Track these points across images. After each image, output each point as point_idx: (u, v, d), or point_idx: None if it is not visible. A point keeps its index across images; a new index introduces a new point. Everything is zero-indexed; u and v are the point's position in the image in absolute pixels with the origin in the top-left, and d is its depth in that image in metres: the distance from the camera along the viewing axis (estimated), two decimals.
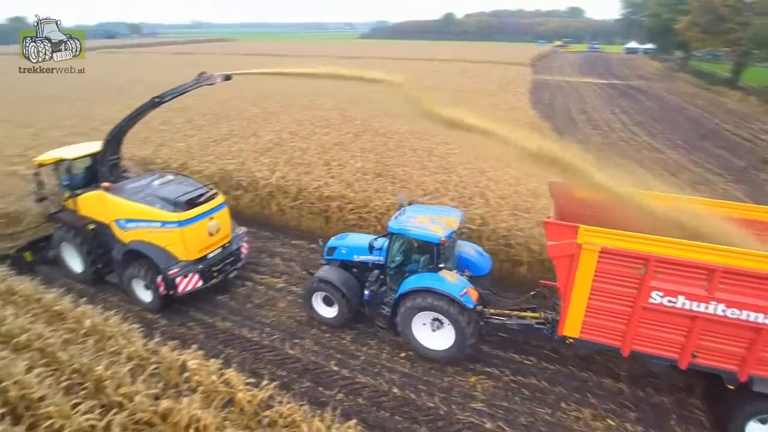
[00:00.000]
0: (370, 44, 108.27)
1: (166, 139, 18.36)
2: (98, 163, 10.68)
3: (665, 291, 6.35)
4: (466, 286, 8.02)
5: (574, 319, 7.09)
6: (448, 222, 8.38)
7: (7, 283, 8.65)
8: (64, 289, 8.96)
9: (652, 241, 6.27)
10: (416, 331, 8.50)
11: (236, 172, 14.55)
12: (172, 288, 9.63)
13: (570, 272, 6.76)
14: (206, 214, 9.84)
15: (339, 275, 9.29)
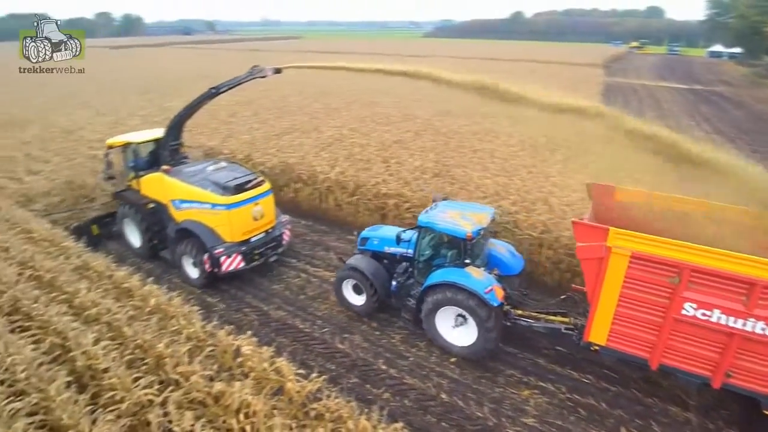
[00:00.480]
0: (434, 43, 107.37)
1: (233, 131, 19.12)
2: (160, 147, 11.53)
3: (699, 303, 5.98)
4: (491, 284, 7.91)
5: (601, 326, 6.85)
6: (478, 218, 8.33)
7: (83, 259, 9.26)
8: (134, 268, 9.47)
9: (688, 249, 5.90)
10: (439, 325, 8.52)
11: (297, 165, 14.85)
12: (216, 266, 10.26)
13: (598, 276, 6.55)
14: (252, 199, 10.44)
15: (368, 265, 9.50)
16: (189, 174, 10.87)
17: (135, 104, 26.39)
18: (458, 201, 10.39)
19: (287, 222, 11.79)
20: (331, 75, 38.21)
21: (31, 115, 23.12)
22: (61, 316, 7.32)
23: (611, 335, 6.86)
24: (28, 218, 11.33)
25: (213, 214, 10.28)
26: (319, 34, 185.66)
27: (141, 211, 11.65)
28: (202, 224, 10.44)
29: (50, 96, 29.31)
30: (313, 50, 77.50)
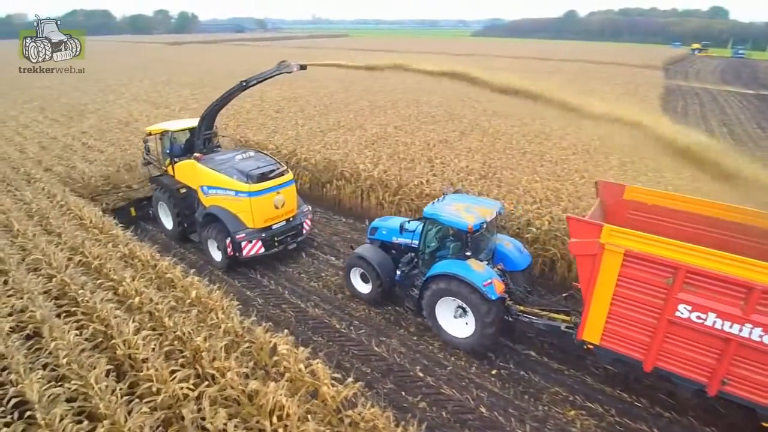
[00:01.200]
0: (483, 42, 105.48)
1: (279, 127, 19.27)
2: (194, 136, 12.20)
3: (694, 306, 5.79)
4: (491, 277, 7.90)
5: (594, 324, 6.74)
6: (483, 212, 8.32)
7: (130, 247, 9.45)
8: (177, 259, 9.57)
9: (683, 249, 5.73)
10: (440, 315, 8.62)
11: (340, 162, 14.71)
12: (238, 251, 10.74)
13: (592, 273, 6.44)
14: (274, 188, 10.79)
15: (375, 254, 9.71)
16: (218, 162, 11.31)
17: (188, 97, 27.19)
18: (469, 195, 10.33)
19: (308, 212, 12.11)
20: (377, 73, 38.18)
21: (90, 107, 24.24)
22: (105, 303, 7.44)
23: (605, 334, 6.73)
24: (81, 205, 11.72)
25: (237, 201, 10.70)
26: (367, 32, 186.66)
27: (174, 196, 12.25)
28: (226, 210, 10.90)
29: (108, 89, 30.68)
30: (359, 48, 77.70)
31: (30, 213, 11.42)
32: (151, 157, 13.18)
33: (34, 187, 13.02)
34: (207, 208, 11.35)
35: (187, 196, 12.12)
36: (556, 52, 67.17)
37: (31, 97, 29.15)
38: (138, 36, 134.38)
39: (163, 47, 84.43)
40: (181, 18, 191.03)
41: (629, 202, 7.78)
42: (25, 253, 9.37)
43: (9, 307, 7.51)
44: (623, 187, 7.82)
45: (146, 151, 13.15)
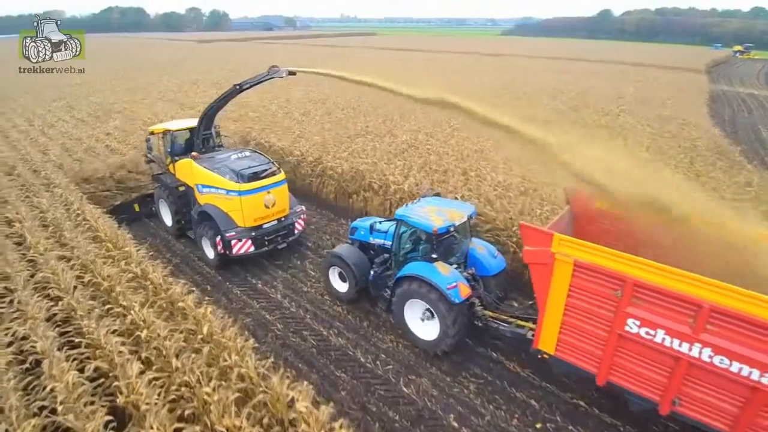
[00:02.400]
0: (513, 41, 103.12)
1: (305, 131, 18.51)
2: (193, 136, 12.45)
3: (643, 321, 5.62)
4: (456, 281, 7.85)
5: (549, 334, 6.68)
6: (452, 215, 8.30)
7: (142, 267, 8.79)
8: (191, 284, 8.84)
9: (630, 261, 5.56)
10: (408, 317, 8.65)
11: (368, 172, 13.85)
12: (228, 249, 10.94)
13: (545, 282, 6.37)
14: (265, 188, 10.93)
15: (351, 253, 9.78)
16: (213, 161, 11.52)
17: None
18: (446, 198, 10.17)
19: (301, 212, 12.18)
20: (408, 73, 37.36)
21: (117, 107, 24.03)
22: (110, 335, 6.78)
23: (559, 345, 6.65)
24: (96, 215, 11.19)
25: (228, 200, 10.90)
26: (394, 30, 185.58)
27: (173, 193, 12.66)
28: (218, 208, 11.13)
29: (136, 88, 30.59)
30: (386, 47, 76.93)
31: (45, 223, 10.93)
32: (153, 156, 13.49)
33: (52, 194, 12.58)
34: (201, 206, 11.58)
35: (185, 194, 12.43)
36: (591, 53, 64.81)
37: (61, 95, 29.31)
38: (170, 33, 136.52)
39: (193, 45, 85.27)
40: (213, 16, 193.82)
41: (599, 211, 7.52)
42: (34, 270, 8.85)
43: (10, 335, 6.94)
44: (593, 196, 7.49)
45: (149, 150, 13.49)
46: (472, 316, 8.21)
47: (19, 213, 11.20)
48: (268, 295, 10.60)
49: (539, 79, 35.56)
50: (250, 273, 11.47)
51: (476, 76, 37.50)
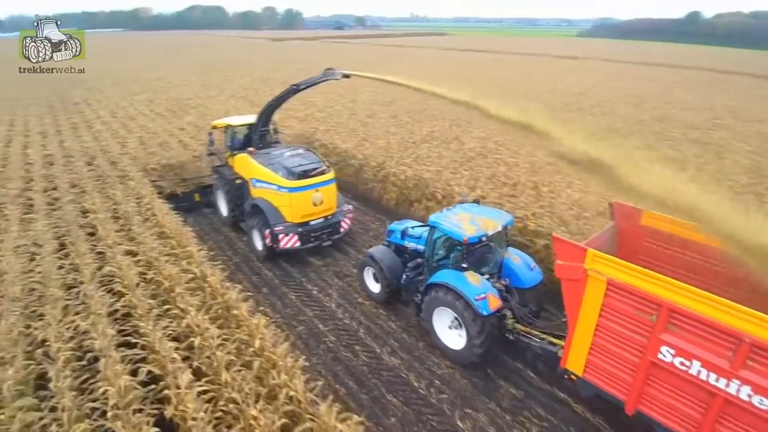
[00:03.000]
0: (591, 43, 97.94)
1: (369, 134, 18.20)
2: (252, 132, 12.93)
3: (678, 350, 5.22)
4: (486, 292, 7.64)
5: (578, 354, 6.36)
6: (486, 224, 8.10)
7: (202, 269, 8.78)
8: (248, 287, 8.74)
9: (667, 285, 5.18)
10: (437, 323, 8.52)
11: (432, 181, 13.28)
12: (275, 242, 11.21)
13: (576, 299, 6.09)
14: (314, 186, 11.23)
15: (385, 255, 9.81)
16: (267, 157, 11.83)
17: None
18: (486, 206, 9.70)
19: (349, 211, 12.33)
20: (479, 73, 36.29)
21: (193, 102, 24.99)
22: (165, 338, 6.75)
23: (588, 366, 6.30)
24: (164, 211, 11.45)
25: (278, 195, 11.25)
26: (464, 30, 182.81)
27: (229, 186, 13.09)
28: (269, 203, 11.48)
29: (211, 84, 31.76)
30: (455, 47, 75.61)
31: (116, 215, 11.35)
32: (214, 149, 14.06)
33: (126, 186, 13.09)
34: (254, 199, 11.96)
35: (241, 186, 12.81)
36: (678, 57, 59.99)
37: (144, 89, 31.06)
38: (246, 31, 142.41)
39: (266, 43, 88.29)
40: (287, 15, 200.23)
41: (646, 228, 7.14)
42: (102, 262, 9.12)
43: (73, 329, 7.10)
44: (640, 212, 7.17)
45: (210, 143, 14.02)
46: (503, 328, 8.03)
47: (94, 203, 11.72)
48: (322, 303, 10.33)
49: (620, 86, 33.24)
50: (306, 278, 11.28)
51: (550, 80, 35.69)
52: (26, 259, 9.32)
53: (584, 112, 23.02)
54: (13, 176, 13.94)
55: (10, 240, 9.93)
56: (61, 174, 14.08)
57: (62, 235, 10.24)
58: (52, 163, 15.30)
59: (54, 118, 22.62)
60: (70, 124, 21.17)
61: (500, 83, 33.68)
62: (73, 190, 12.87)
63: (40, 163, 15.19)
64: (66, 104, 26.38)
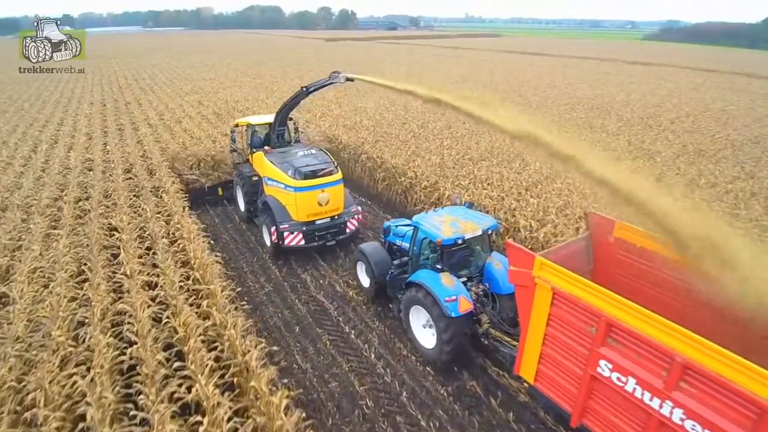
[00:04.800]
0: (659, 48, 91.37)
1: (422, 148, 16.50)
2: (270, 131, 13.45)
3: (615, 365, 5.07)
4: (457, 294, 7.69)
5: (529, 361, 6.32)
6: (466, 227, 8.16)
7: (223, 316, 7.51)
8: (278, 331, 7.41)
9: (606, 297, 5.06)
10: (413, 321, 8.67)
11: (493, 209, 11.52)
12: (281, 239, 11.47)
13: (527, 306, 6.08)
14: (320, 186, 11.36)
15: (374, 251, 9.99)
16: (280, 156, 12.09)
17: (331, 101, 26.15)
18: (476, 211, 9.42)
19: (356, 212, 12.37)
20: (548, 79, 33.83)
21: (240, 105, 24.30)
22: (169, 412, 5.51)
23: (538, 375, 6.26)
24: (194, 232, 10.40)
25: (285, 194, 11.49)
26: (521, 31, 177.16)
27: (246, 182, 13.49)
28: (277, 201, 11.76)
29: (261, 87, 31.13)
30: (512, 50, 72.53)
31: (143, 235, 10.40)
32: (236, 146, 14.61)
33: (160, 201, 12.23)
34: (265, 196, 12.28)
35: (257, 183, 13.13)
36: (758, 66, 54.26)
37: (195, 89, 30.87)
38: (301, 31, 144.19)
39: (320, 43, 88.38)
40: (341, 15, 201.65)
41: (619, 240, 7.00)
42: (116, 297, 8.11)
43: (69, 386, 6.05)
44: (613, 223, 7.03)
45: (232, 141, 14.62)
46: (478, 332, 8.05)
47: (122, 220, 10.84)
48: (360, 351, 8.92)
49: (700, 97, 29.86)
50: (343, 317, 9.93)
51: (623, 89, 32.68)
52: (41, 285, 8.46)
53: (665, 130, 20.38)
54: (50, 182, 13.42)
55: (28, 261, 9.12)
56: (96, 182, 13.41)
57: (82, 257, 9.34)
58: (90, 169, 14.74)
59: (103, 118, 22.47)
60: (117, 125, 20.86)
61: (564, 90, 31.15)
62: (105, 202, 12.11)
63: (79, 168, 14.65)
64: (118, 104, 26.40)
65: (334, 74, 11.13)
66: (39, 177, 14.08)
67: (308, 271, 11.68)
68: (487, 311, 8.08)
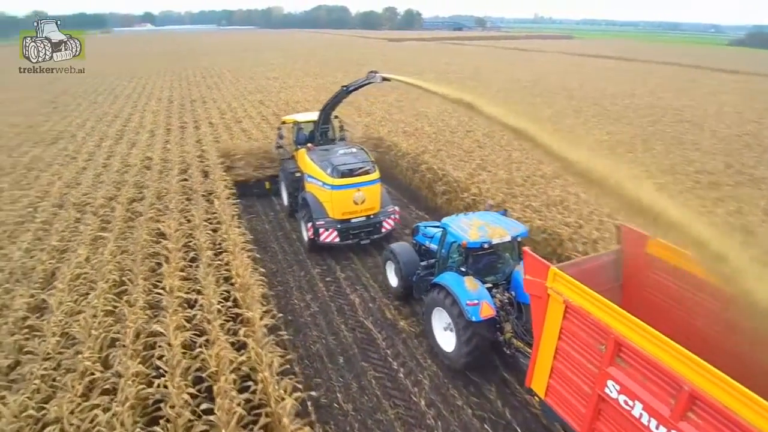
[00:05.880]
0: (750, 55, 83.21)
1: (488, 160, 15.14)
2: (315, 129, 13.79)
3: (623, 387, 4.77)
4: (480, 299, 7.51)
5: (540, 375, 6.06)
6: (494, 233, 7.88)
7: (258, 352, 6.72)
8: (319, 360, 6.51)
9: (616, 315, 4.76)
10: (435, 323, 8.54)
11: (569, 239, 10.09)
12: (316, 235, 11.72)
13: (541, 318, 5.85)
14: (356, 185, 11.55)
15: (403, 251, 9.94)
16: (321, 154, 12.32)
17: (392, 105, 25.35)
18: (510, 219, 9.05)
19: (392, 212, 12.42)
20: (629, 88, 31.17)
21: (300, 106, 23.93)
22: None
23: (549, 390, 5.95)
24: (240, 244, 9.81)
25: (323, 191, 11.75)
26: (594, 34, 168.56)
27: (289, 178, 13.90)
28: (315, 197, 12.01)
29: (321, 87, 30.76)
30: (582, 53, 68.53)
31: (189, 243, 9.92)
32: (282, 143, 14.75)
33: (210, 206, 11.80)
34: (305, 192, 12.54)
35: (299, 179, 13.30)
36: None
37: (258, 88, 31.03)
38: (366, 31, 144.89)
39: (383, 44, 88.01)
40: (407, 15, 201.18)
41: (652, 257, 6.36)
42: (151, 315, 7.56)
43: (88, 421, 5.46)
44: (646, 238, 6.35)
45: (279, 137, 14.77)
46: (500, 340, 7.86)
47: (170, 226, 10.45)
48: (408, 395, 7.92)
49: None
50: (392, 349, 8.96)
51: (709, 99, 29.51)
52: (80, 294, 8.10)
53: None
54: (108, 180, 13.41)
55: (72, 266, 8.85)
56: (152, 182, 13.25)
57: (126, 266, 8.95)
58: (149, 168, 14.67)
59: (168, 115, 22.80)
60: (180, 123, 21.02)
61: (646, 98, 28.48)
62: (157, 204, 11.82)
63: (138, 167, 14.62)
64: (184, 101, 26.88)
65: (371, 74, 11.18)
66: (99, 173, 14.15)
67: (357, 292, 10.82)
68: (511, 320, 7.84)
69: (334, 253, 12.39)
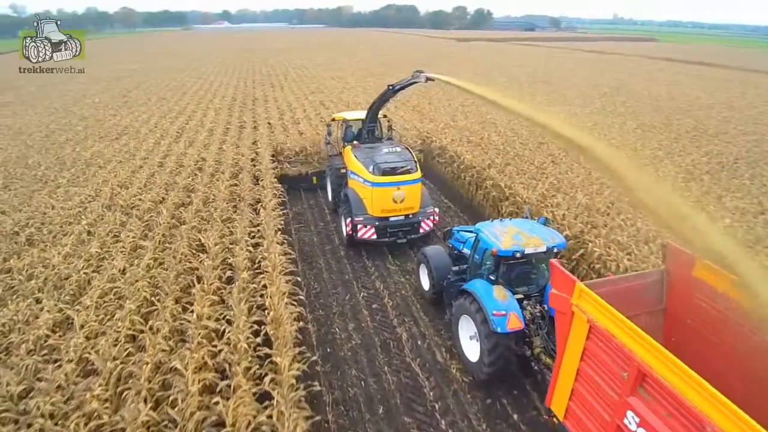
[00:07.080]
0: None
1: (562, 180, 13.17)
2: (362, 127, 13.95)
3: (642, 420, 4.42)
4: (508, 310, 7.23)
5: (560, 395, 5.74)
6: (529, 241, 7.47)
7: (286, 409, 5.71)
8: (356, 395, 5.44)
9: (642, 341, 4.37)
10: (461, 331, 8.28)
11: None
12: (354, 231, 11.86)
13: (564, 335, 5.51)
14: (396, 183, 11.53)
15: (436, 254, 9.89)
16: (365, 152, 12.33)
17: (457, 109, 23.93)
18: (550, 228, 8.20)
19: (432, 213, 12.38)
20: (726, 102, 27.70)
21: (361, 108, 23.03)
22: None
23: (568, 412, 5.63)
24: (280, 266, 8.91)
25: (364, 188, 11.87)
26: (679, 37, 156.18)
27: (335, 174, 14.07)
28: (356, 194, 12.20)
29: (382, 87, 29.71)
30: (667, 57, 62.92)
31: (227, 259, 9.17)
32: (331, 139, 15.05)
33: (254, 218, 11.07)
34: (347, 188, 12.71)
35: (344, 175, 13.43)
36: None
37: (320, 88, 30.59)
38: (434, 31, 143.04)
39: (451, 44, 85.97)
40: (477, 14, 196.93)
41: (698, 281, 5.81)
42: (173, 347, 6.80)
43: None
44: (693, 260, 5.79)
45: (328, 134, 15.08)
46: (528, 355, 7.43)
47: (210, 238, 9.78)
48: None
49: None
50: (441, 406, 7.69)
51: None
52: (105, 314, 7.51)
53: None
54: (159, 182, 13.11)
55: (103, 280, 8.32)
56: (201, 186, 12.77)
57: (157, 284, 8.30)
58: (201, 169, 14.28)
59: (229, 114, 22.69)
60: (239, 123, 20.78)
61: (747, 113, 25.08)
62: (203, 211, 11.26)
63: (190, 168, 14.28)
64: (246, 99, 26.85)
65: (416, 73, 11.31)
66: (153, 173, 13.92)
67: (405, 325, 9.66)
68: (542, 335, 7.40)
69: (383, 277, 11.32)
